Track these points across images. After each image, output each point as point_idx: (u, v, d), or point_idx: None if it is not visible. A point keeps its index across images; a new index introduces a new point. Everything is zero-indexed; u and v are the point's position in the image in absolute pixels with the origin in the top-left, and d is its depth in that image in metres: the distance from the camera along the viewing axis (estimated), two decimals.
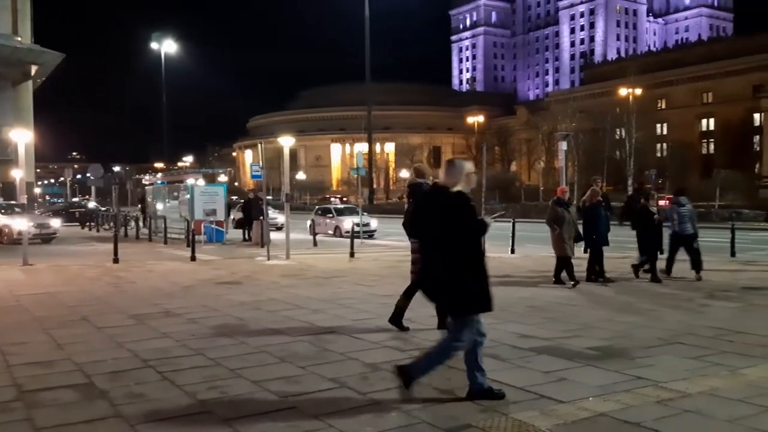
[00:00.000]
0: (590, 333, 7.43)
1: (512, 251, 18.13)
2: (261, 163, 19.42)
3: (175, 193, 26.09)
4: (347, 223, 25.36)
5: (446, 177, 4.99)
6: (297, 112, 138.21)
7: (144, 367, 6.11)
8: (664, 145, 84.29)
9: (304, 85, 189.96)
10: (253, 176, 23.45)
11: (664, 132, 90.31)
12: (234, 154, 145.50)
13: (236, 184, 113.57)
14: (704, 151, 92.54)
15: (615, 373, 5.68)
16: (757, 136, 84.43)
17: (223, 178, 32.08)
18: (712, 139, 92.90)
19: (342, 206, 32.93)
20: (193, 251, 16.99)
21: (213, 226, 23.27)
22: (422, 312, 8.73)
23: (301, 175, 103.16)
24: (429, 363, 5.06)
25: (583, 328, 7.73)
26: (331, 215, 29.05)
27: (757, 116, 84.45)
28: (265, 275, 13.56)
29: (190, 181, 25.39)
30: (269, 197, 19.82)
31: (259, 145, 18.78)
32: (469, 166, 5.08)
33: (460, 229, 4.85)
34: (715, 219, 33.10)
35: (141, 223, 29.41)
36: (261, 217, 20.27)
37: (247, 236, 24.18)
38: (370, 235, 26.66)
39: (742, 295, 10.11)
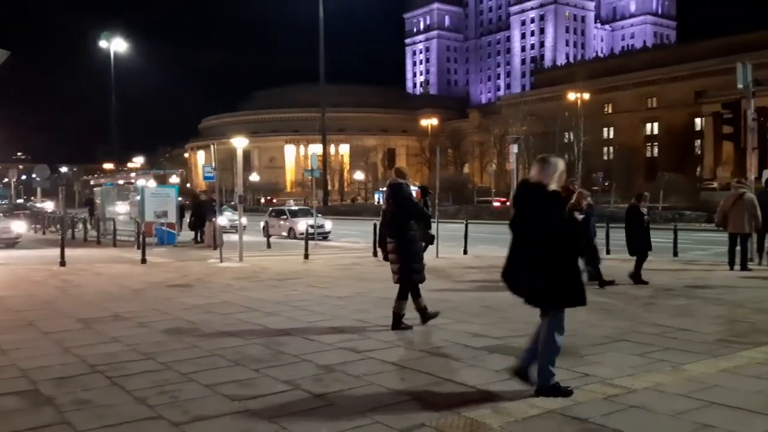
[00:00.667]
0: None
1: (465, 252, 18.32)
2: (213, 165, 19.18)
3: (126, 194, 25.55)
4: (301, 224, 25.23)
5: (540, 175, 5.02)
6: (250, 113, 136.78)
7: (92, 372, 5.97)
8: (611, 148, 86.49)
9: (257, 85, 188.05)
10: (205, 177, 23.11)
11: (611, 136, 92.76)
12: (186, 155, 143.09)
13: (188, 185, 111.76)
14: (649, 154, 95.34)
15: (564, 370, 5.80)
16: (699, 141, 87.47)
17: (174, 179, 31.55)
18: (657, 143, 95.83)
19: (296, 208, 32.77)
20: (143, 253, 16.66)
21: (164, 228, 22.87)
22: (378, 313, 8.79)
23: (254, 177, 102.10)
24: (540, 359, 5.15)
25: (533, 326, 7.86)
26: (285, 217, 28.87)
27: (698, 121, 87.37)
28: (217, 278, 13.39)
29: (140, 182, 24.89)
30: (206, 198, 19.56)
31: (212, 146, 18.52)
32: (561, 164, 5.12)
33: (555, 225, 4.94)
34: (659, 220, 34.02)
35: (89, 226, 28.68)
36: (213, 219, 20.01)
37: (199, 238, 23.84)
38: (325, 236, 26.59)
39: (685, 294, 10.45)
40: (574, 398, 4.99)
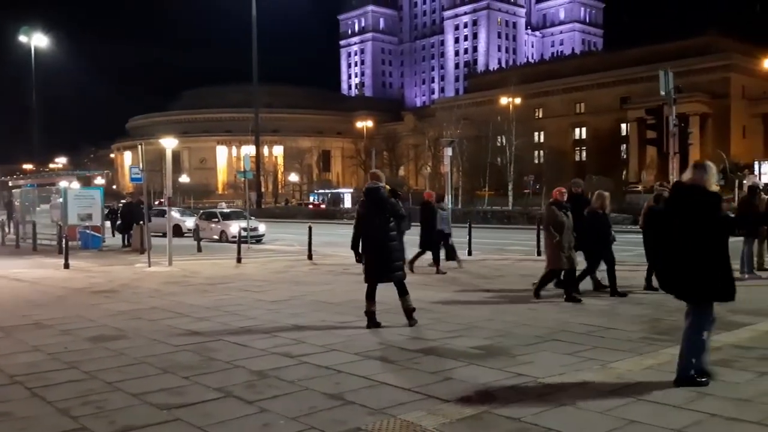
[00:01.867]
0: (473, 333, 7.67)
1: None
2: (141, 166, 18.63)
3: (48, 196, 24.51)
4: (234, 227, 24.78)
5: (698, 177, 5.33)
6: (180, 113, 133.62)
7: (11, 383, 5.70)
8: (542, 152, 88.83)
9: (188, 85, 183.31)
10: (132, 179, 22.38)
11: (542, 140, 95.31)
12: (112, 155, 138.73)
13: (114, 187, 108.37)
14: (577, 158, 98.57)
15: (497, 370, 5.90)
16: (625, 145, 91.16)
17: (99, 180, 30.50)
18: (585, 147, 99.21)
19: (228, 210, 32.16)
20: (66, 258, 16.02)
21: (89, 231, 22.05)
22: (313, 317, 8.71)
23: (184, 178, 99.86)
24: (688, 360, 5.42)
25: (466, 328, 7.97)
26: (216, 219, 28.29)
27: (624, 126, 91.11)
28: (145, 283, 13.00)
29: (63, 183, 23.93)
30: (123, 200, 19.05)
31: (140, 147, 17.94)
32: (715, 168, 5.45)
33: (715, 224, 5.24)
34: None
35: (7, 229, 27.38)
36: (141, 222, 19.44)
37: (126, 242, 23.08)
38: (258, 240, 26.22)
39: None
40: (507, 397, 5.06)
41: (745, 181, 24.26)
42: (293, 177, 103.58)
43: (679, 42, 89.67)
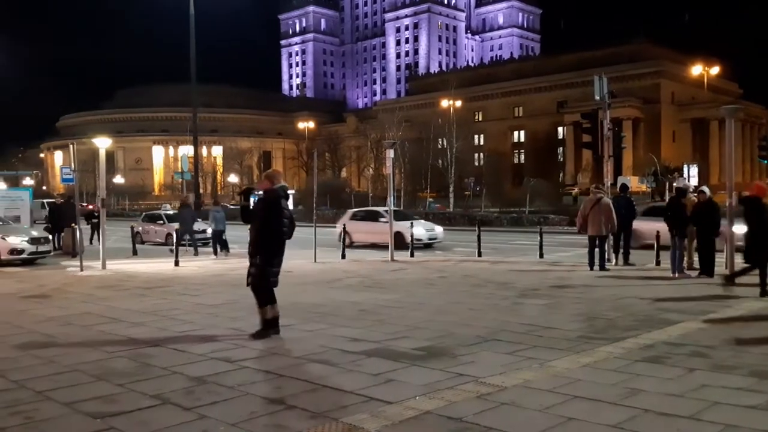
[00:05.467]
0: (415, 334, 7.70)
1: (343, 256, 18.32)
2: (73, 166, 17.96)
3: None
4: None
5: None
6: (114, 112, 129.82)
7: None
8: (481, 154, 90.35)
9: (122, 83, 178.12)
10: (63, 180, 21.59)
11: (482, 142, 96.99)
12: (42, 155, 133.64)
13: (45, 188, 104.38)
14: (516, 160, 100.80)
15: (439, 371, 5.93)
16: (561, 148, 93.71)
17: (28, 181, 29.33)
18: (523, 150, 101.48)
19: (173, 212, 31.41)
20: None
21: None
22: (253, 321, 8.57)
23: (119, 179, 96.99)
24: None
25: (409, 329, 7.99)
26: (161, 222, 27.57)
27: (561, 130, 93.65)
28: (78, 287, 12.54)
29: None
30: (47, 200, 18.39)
31: (71, 146, 17.33)
32: None
33: None
34: (526, 224, 35.89)
35: None
36: (73, 224, 18.76)
37: (57, 245, 22.20)
38: (206, 242, 25.73)
39: (550, 293, 11.02)
40: (449, 398, 5.08)
41: (675, 183, 25.23)
42: (233, 178, 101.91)
43: (613, 48, 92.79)
